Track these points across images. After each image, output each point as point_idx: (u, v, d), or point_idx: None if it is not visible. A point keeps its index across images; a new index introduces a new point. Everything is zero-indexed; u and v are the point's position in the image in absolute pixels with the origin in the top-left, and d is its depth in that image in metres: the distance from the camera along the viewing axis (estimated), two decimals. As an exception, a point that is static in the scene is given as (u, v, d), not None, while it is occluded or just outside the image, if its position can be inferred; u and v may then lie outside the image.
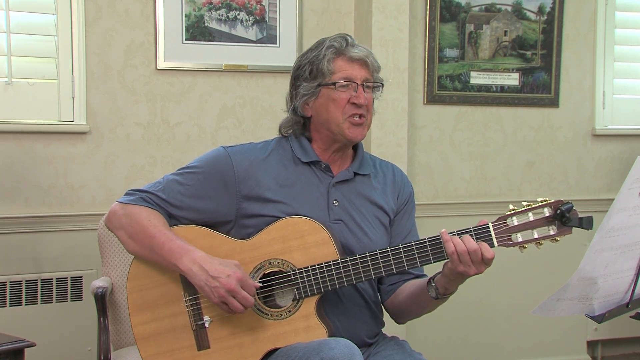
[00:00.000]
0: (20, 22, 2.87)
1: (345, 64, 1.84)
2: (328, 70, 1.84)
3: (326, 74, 1.84)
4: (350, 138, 1.85)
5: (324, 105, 1.85)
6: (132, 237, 1.83)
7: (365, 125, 1.87)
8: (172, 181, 1.87)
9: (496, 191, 3.59)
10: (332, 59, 1.84)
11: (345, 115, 1.84)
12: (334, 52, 1.85)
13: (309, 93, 1.87)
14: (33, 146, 2.90)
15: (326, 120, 1.86)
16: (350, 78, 1.84)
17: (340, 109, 1.83)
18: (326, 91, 1.84)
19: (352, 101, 1.83)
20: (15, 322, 2.81)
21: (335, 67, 1.84)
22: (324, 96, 1.85)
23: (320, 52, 1.86)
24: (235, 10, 3.12)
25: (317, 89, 1.86)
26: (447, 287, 1.78)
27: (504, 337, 3.59)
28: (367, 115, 1.87)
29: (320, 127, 1.89)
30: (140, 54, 3.02)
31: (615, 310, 1.71)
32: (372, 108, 1.90)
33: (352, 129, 1.84)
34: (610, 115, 3.73)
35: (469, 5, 3.46)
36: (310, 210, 1.82)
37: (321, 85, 1.85)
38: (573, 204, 1.72)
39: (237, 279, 1.70)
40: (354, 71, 1.84)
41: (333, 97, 1.83)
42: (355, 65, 1.84)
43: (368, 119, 1.88)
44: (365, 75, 1.85)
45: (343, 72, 1.84)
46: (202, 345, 1.81)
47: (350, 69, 1.84)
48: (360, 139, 1.89)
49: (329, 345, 1.62)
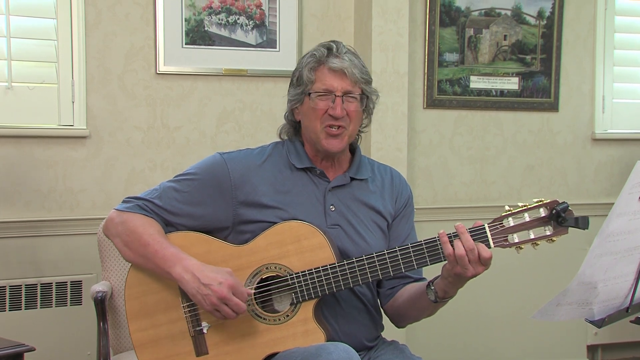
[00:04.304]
0: (21, 27, 2.87)
1: (324, 74, 1.84)
2: (308, 79, 1.85)
3: (307, 83, 1.85)
4: (326, 148, 1.84)
5: (306, 113, 1.87)
6: (128, 244, 1.83)
7: (344, 137, 1.85)
8: (168, 188, 1.88)
9: (496, 195, 3.58)
10: (313, 68, 1.85)
11: (322, 125, 1.83)
12: (314, 61, 1.85)
13: (295, 99, 1.89)
14: (33, 150, 2.90)
15: (307, 127, 1.87)
16: (329, 89, 1.83)
17: (318, 119, 1.83)
18: (307, 100, 1.85)
19: (329, 112, 1.82)
20: (14, 326, 2.81)
21: (316, 77, 1.84)
22: (306, 104, 1.86)
23: (304, 59, 1.88)
24: (235, 14, 3.12)
25: (302, 96, 1.87)
26: (447, 291, 1.78)
27: (504, 341, 3.59)
28: (349, 126, 1.85)
29: (306, 133, 1.90)
30: (140, 58, 3.02)
31: (615, 314, 1.71)
32: (358, 118, 1.87)
33: (328, 139, 1.83)
34: (609, 120, 3.73)
35: (468, 9, 3.46)
36: (307, 216, 1.82)
37: (304, 93, 1.86)
38: (568, 204, 1.71)
39: (228, 286, 1.70)
40: (333, 82, 1.83)
41: (312, 106, 1.84)
42: (335, 76, 1.83)
43: (350, 130, 1.86)
44: (346, 86, 1.83)
45: (322, 82, 1.83)
46: (201, 351, 1.80)
47: (329, 80, 1.83)
48: (338, 150, 1.86)
49: (327, 350, 1.62)
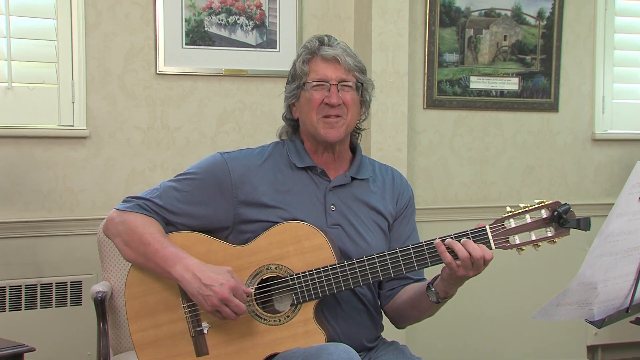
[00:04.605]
0: (21, 27, 2.87)
1: (317, 64, 1.85)
2: (302, 71, 1.86)
3: (302, 76, 1.86)
4: (325, 138, 1.84)
5: (303, 107, 1.87)
6: (128, 244, 1.83)
7: (341, 125, 1.85)
8: (168, 187, 1.87)
9: (496, 196, 3.58)
10: (306, 60, 1.86)
11: (319, 115, 1.84)
12: (307, 53, 1.86)
13: (291, 95, 1.90)
14: (33, 151, 2.90)
15: (304, 121, 1.88)
16: (323, 78, 1.83)
17: (315, 110, 1.83)
18: (303, 93, 1.86)
19: (325, 101, 1.83)
20: (14, 326, 2.81)
21: (309, 68, 1.85)
22: (303, 98, 1.87)
23: (298, 54, 1.89)
24: (235, 15, 3.12)
25: (298, 91, 1.87)
26: (447, 291, 1.78)
27: (504, 341, 3.59)
28: (347, 115, 1.85)
29: (304, 128, 1.91)
30: (140, 59, 3.02)
31: (615, 315, 1.71)
32: (355, 108, 1.87)
33: (326, 128, 1.84)
34: (609, 120, 3.73)
35: (468, 10, 3.46)
36: (307, 216, 1.82)
37: (299, 87, 1.87)
38: (570, 205, 1.71)
39: (229, 287, 1.70)
40: (327, 71, 1.84)
41: (308, 97, 1.84)
42: (329, 65, 1.84)
43: (348, 119, 1.86)
44: (341, 75, 1.84)
45: (316, 72, 1.84)
46: (201, 351, 1.80)
47: (323, 69, 1.84)
48: (336, 139, 1.85)
49: (327, 350, 1.62)
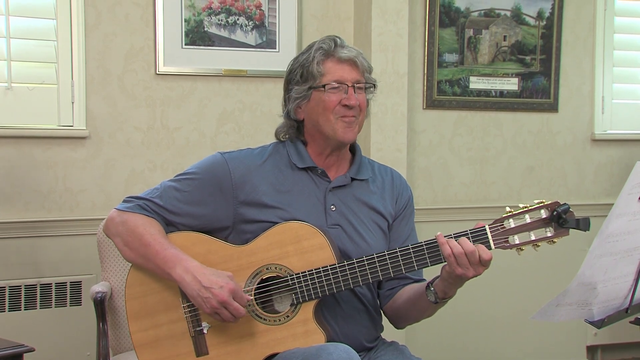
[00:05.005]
0: (20, 27, 2.87)
1: (334, 65, 1.84)
2: (318, 72, 1.83)
3: (316, 77, 1.84)
4: (342, 139, 1.84)
5: (315, 108, 1.85)
6: (128, 244, 1.83)
7: (356, 126, 1.86)
8: (169, 187, 1.87)
9: (496, 196, 3.58)
10: (321, 61, 1.84)
11: (336, 116, 1.83)
12: (322, 54, 1.84)
13: (301, 96, 1.87)
14: (33, 151, 2.90)
15: (318, 122, 1.86)
16: (341, 80, 1.83)
17: (331, 111, 1.83)
18: (317, 94, 1.84)
19: (344, 103, 1.82)
20: (14, 327, 2.81)
21: (325, 69, 1.83)
22: (315, 99, 1.85)
23: (310, 54, 1.86)
24: (235, 15, 3.13)
25: (309, 92, 1.85)
26: (446, 291, 1.77)
27: (503, 342, 3.59)
28: (360, 116, 1.86)
29: (312, 130, 1.89)
30: (140, 59, 3.02)
31: (614, 315, 1.71)
32: (366, 109, 1.89)
33: (344, 130, 1.83)
34: (609, 120, 3.74)
35: (468, 10, 3.46)
36: (307, 216, 1.82)
37: (312, 88, 1.85)
38: (569, 205, 1.70)
39: (229, 291, 1.70)
40: (344, 73, 1.83)
41: (324, 99, 1.83)
42: (345, 67, 1.84)
43: (360, 120, 1.87)
44: (356, 76, 1.84)
45: (333, 74, 1.83)
46: (201, 351, 1.80)
47: (340, 71, 1.83)
48: (352, 140, 1.87)
49: (327, 350, 1.62)
